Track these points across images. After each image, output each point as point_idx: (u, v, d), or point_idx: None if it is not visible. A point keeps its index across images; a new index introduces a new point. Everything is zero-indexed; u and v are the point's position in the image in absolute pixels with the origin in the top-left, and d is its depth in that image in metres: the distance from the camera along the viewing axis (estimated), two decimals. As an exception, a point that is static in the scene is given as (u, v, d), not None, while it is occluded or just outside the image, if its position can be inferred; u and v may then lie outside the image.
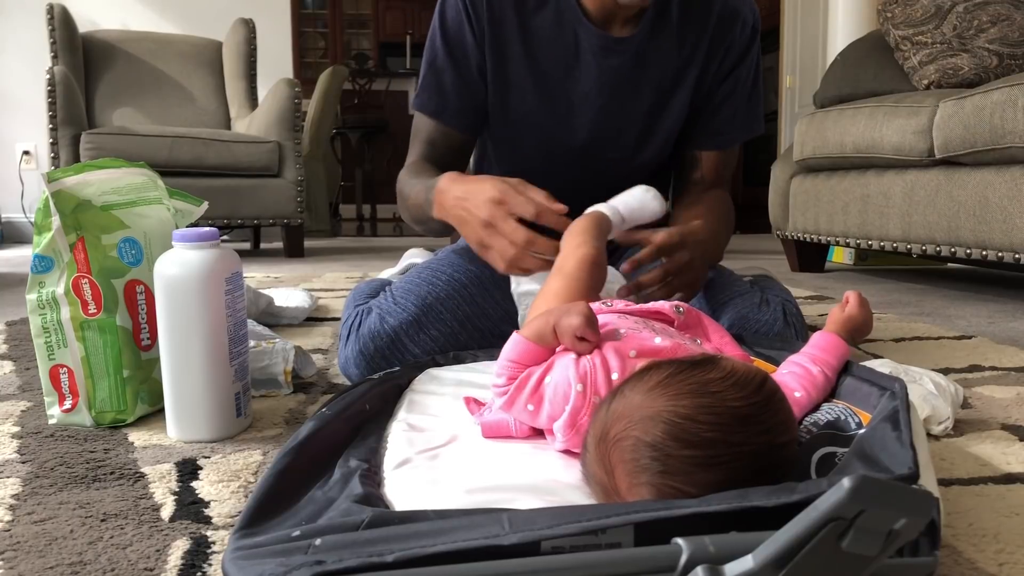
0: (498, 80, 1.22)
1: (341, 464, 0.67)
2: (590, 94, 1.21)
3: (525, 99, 1.23)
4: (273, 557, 0.48)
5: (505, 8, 1.19)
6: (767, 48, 6.32)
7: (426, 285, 1.14)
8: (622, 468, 0.57)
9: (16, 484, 0.77)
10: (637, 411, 0.58)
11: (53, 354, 0.95)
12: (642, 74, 1.22)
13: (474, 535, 0.46)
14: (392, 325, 1.09)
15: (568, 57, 1.20)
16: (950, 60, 2.44)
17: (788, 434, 0.59)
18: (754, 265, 1.57)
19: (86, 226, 0.94)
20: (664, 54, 1.21)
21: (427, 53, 1.24)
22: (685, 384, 0.58)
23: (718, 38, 1.23)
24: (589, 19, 1.18)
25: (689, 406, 0.56)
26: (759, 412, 0.57)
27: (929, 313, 1.91)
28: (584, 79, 1.21)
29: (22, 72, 4.31)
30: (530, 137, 1.26)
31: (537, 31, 1.19)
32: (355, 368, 1.10)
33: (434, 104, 1.24)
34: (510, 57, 1.21)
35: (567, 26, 1.19)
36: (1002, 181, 1.89)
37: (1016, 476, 0.79)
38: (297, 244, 3.59)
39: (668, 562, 0.42)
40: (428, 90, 1.24)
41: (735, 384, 0.57)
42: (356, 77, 6.79)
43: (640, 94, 1.23)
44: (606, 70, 1.20)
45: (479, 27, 1.19)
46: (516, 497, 0.62)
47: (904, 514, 0.38)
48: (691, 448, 0.55)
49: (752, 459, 0.55)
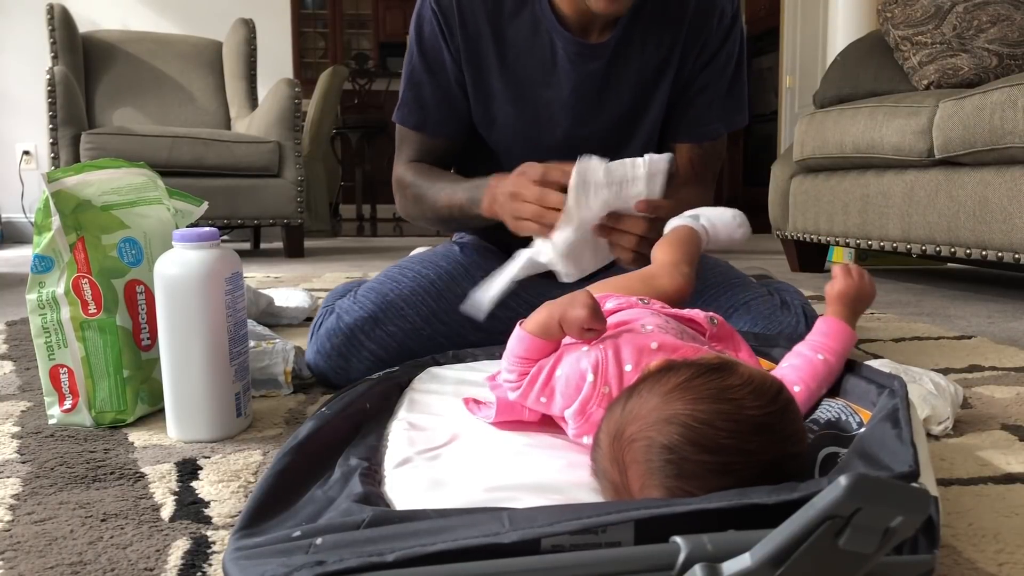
0: (478, 91, 1.23)
1: (341, 463, 0.67)
2: (568, 100, 1.22)
3: (504, 108, 1.23)
4: (274, 557, 0.48)
5: (479, 20, 1.19)
6: (767, 48, 6.32)
7: (390, 282, 1.17)
8: (636, 469, 0.57)
9: (16, 484, 0.77)
10: (654, 412, 0.58)
11: (53, 354, 0.95)
12: (619, 76, 1.22)
13: (474, 533, 0.47)
14: (347, 323, 1.12)
15: (545, 64, 1.20)
16: (950, 60, 2.44)
17: (800, 445, 0.59)
18: (754, 265, 1.57)
19: (86, 226, 0.94)
20: (641, 54, 1.21)
21: (405, 67, 1.26)
22: (704, 388, 0.58)
23: (694, 31, 1.22)
24: (565, 26, 1.18)
25: (707, 411, 0.56)
26: (776, 422, 0.57)
27: (929, 313, 1.91)
28: (562, 85, 1.21)
29: (22, 72, 4.31)
30: (514, 143, 1.26)
31: (512, 40, 1.20)
32: (317, 364, 1.13)
33: (415, 118, 1.26)
34: (486, 68, 1.21)
35: (543, 34, 1.19)
36: (1002, 181, 1.89)
37: (1016, 476, 0.79)
38: (297, 244, 3.59)
39: (666, 560, 0.42)
40: (408, 104, 1.26)
41: (753, 392, 0.58)
42: (356, 77, 6.79)
43: (619, 96, 1.23)
44: (583, 76, 1.20)
45: (453, 42, 1.20)
46: (518, 496, 0.62)
47: (901, 512, 0.38)
48: (707, 453, 0.55)
49: (764, 468, 0.55)
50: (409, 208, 1.30)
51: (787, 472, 0.56)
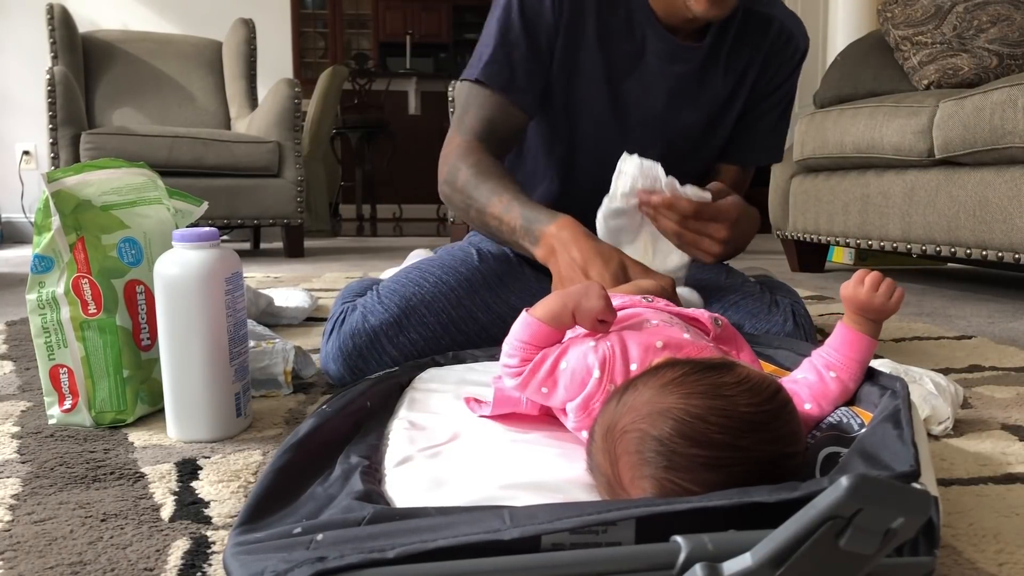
0: (566, 64, 1.20)
1: (342, 460, 0.67)
2: (650, 98, 1.21)
3: (591, 88, 1.21)
4: (275, 552, 0.48)
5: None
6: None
7: (412, 286, 1.14)
8: (626, 460, 0.58)
9: (16, 484, 0.77)
10: (647, 405, 0.58)
11: (53, 354, 0.95)
12: (702, 86, 1.22)
13: (475, 530, 0.47)
14: (373, 324, 1.09)
15: (635, 56, 1.20)
16: (950, 60, 2.44)
17: (795, 446, 0.59)
18: (754, 265, 1.57)
19: (86, 226, 0.94)
20: (724, 68, 1.22)
21: (499, 23, 1.18)
22: (699, 384, 0.58)
23: (772, 58, 1.24)
24: (659, 23, 1.18)
25: (701, 406, 0.56)
26: (770, 420, 0.57)
27: (929, 313, 1.91)
28: (647, 81, 1.21)
29: (22, 72, 4.31)
30: (583, 127, 1.23)
31: (610, 23, 1.19)
32: (334, 364, 1.10)
33: (504, 77, 1.17)
34: (583, 44, 1.19)
35: (637, 26, 1.19)
36: (1002, 181, 1.89)
37: (1016, 476, 0.79)
38: (297, 244, 3.59)
39: (667, 559, 0.42)
40: (498, 62, 1.17)
41: (749, 390, 0.58)
42: (356, 77, 6.78)
43: (698, 106, 1.23)
44: (669, 76, 1.20)
45: (559, 7, 1.17)
46: (518, 495, 0.62)
47: (902, 513, 0.38)
48: (698, 447, 0.55)
49: (757, 466, 0.55)
50: (454, 199, 1.19)
51: (783, 471, 0.56)
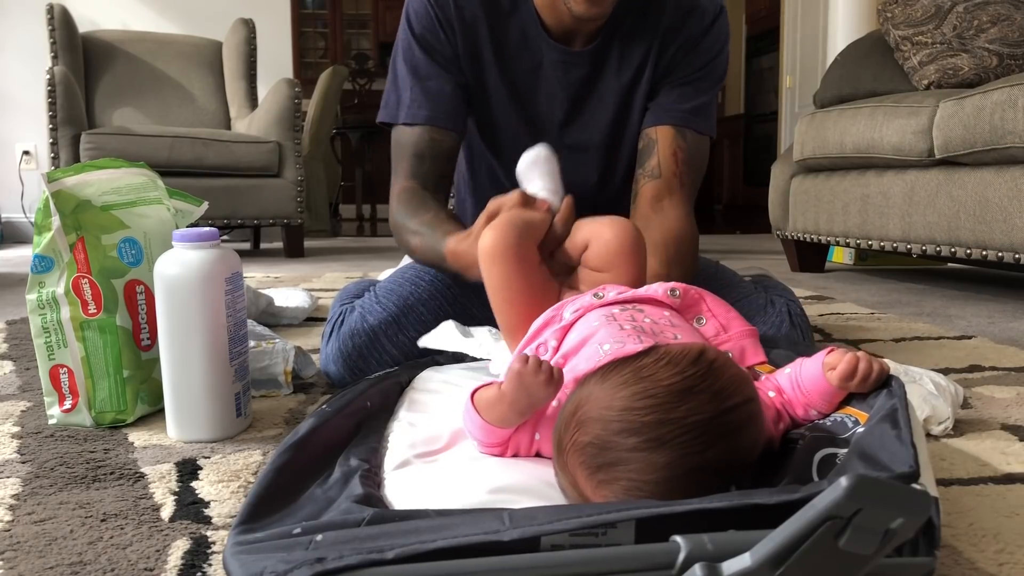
0: (476, 87, 1.22)
1: (341, 463, 0.67)
2: (555, 107, 1.23)
3: (500, 107, 1.23)
4: (274, 552, 0.48)
5: (476, 14, 1.18)
6: (767, 48, 6.32)
7: (409, 285, 1.15)
8: (581, 473, 0.59)
9: (16, 484, 0.77)
10: (576, 415, 0.60)
11: (53, 354, 0.95)
12: (603, 83, 1.22)
13: (474, 531, 0.47)
14: (372, 324, 1.10)
15: (534, 69, 1.21)
16: (950, 60, 2.44)
17: (738, 395, 0.58)
18: (754, 265, 1.57)
19: (86, 226, 0.94)
20: (620, 61, 1.21)
21: (403, 65, 1.21)
22: (619, 377, 0.59)
23: (673, 31, 1.21)
24: (550, 35, 1.18)
25: (623, 397, 0.57)
26: (698, 383, 0.57)
27: (929, 313, 1.91)
28: (549, 92, 1.22)
29: (22, 72, 4.31)
30: (508, 146, 1.25)
31: (506, 40, 1.20)
32: (334, 366, 1.10)
33: (426, 111, 1.20)
34: (484, 64, 1.21)
35: (532, 40, 1.19)
36: (1002, 181, 1.89)
37: (1016, 476, 0.79)
38: (297, 244, 3.59)
39: (666, 559, 0.42)
40: (416, 99, 1.20)
41: (668, 363, 0.59)
42: (356, 77, 6.79)
43: (603, 103, 1.23)
44: (566, 84, 1.21)
45: (453, 35, 1.19)
46: (517, 499, 0.62)
47: (901, 513, 0.38)
48: (634, 436, 0.56)
49: (706, 428, 0.56)
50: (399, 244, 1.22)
51: (735, 425, 0.57)
